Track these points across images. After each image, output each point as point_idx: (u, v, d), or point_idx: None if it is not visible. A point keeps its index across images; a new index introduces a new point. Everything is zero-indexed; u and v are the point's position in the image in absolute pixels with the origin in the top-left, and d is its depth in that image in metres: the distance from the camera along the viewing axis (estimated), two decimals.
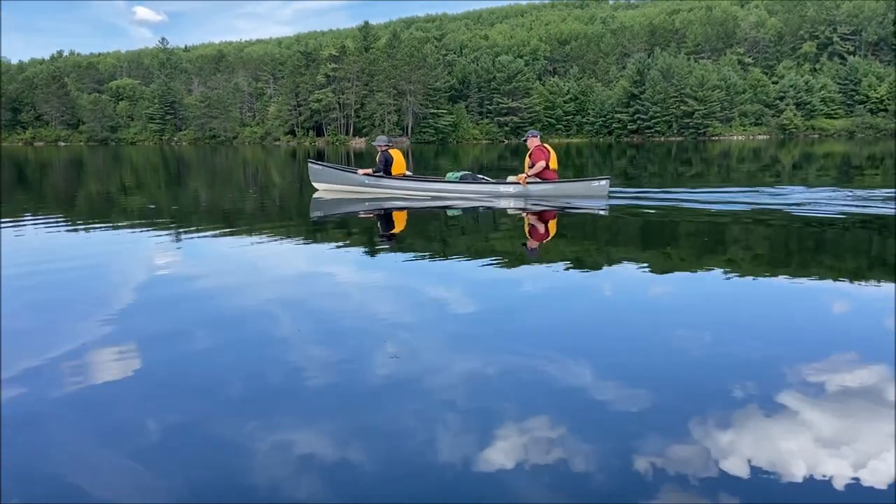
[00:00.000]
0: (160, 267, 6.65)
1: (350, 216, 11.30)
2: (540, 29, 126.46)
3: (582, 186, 12.38)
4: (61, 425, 3.00)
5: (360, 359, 3.81)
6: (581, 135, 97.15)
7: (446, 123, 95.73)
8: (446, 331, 4.40)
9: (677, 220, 10.02)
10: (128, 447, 2.78)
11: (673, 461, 2.62)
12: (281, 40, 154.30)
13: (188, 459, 2.68)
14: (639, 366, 3.70)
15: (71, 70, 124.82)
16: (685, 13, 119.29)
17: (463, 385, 3.39)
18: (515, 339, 4.18)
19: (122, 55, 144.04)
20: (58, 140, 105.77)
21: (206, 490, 2.46)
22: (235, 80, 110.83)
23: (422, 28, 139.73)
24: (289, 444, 2.77)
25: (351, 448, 2.74)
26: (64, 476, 2.57)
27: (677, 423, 2.95)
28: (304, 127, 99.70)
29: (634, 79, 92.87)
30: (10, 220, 10.69)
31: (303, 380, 3.49)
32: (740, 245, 7.73)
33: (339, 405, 3.16)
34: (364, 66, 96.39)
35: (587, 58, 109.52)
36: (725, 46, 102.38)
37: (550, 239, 8.74)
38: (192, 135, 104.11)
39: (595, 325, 4.59)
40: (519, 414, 3.05)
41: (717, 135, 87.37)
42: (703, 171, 23.30)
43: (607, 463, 2.62)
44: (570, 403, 3.18)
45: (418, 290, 5.64)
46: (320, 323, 4.61)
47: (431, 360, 3.81)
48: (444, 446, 2.75)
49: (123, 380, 3.50)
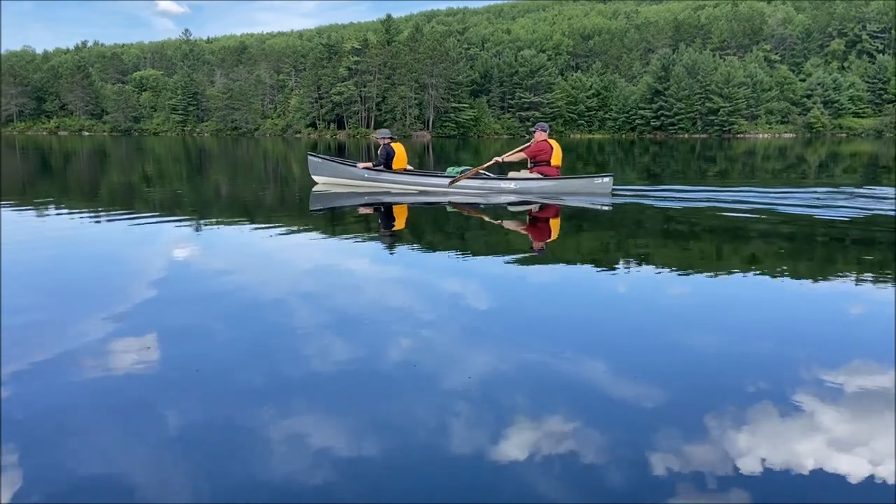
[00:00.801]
0: (179, 257, 6.66)
1: (352, 210, 11.14)
2: (563, 23, 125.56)
3: (585, 183, 12.20)
4: (80, 413, 3.01)
5: (375, 351, 3.82)
6: (603, 131, 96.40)
7: (468, 118, 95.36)
8: (461, 324, 4.39)
9: (693, 219, 9.76)
10: (146, 435, 2.80)
11: (687, 459, 2.61)
12: (302, 33, 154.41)
13: (205, 449, 2.69)
14: (654, 363, 3.68)
15: (95, 60, 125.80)
16: (710, 9, 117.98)
17: (477, 379, 3.40)
18: (529, 334, 4.17)
19: (145, 46, 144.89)
20: (82, 130, 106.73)
21: (222, 479, 2.47)
22: (257, 72, 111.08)
23: (443, 22, 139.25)
24: (304, 436, 2.78)
25: (365, 439, 2.76)
26: (82, 463, 2.58)
27: (692, 421, 2.94)
28: (325, 119, 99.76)
29: (659, 75, 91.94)
30: (34, 208, 10.74)
31: (318, 372, 3.51)
32: (758, 244, 7.59)
33: (353, 397, 3.18)
34: (386, 59, 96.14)
35: (610, 53, 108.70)
36: (752, 43, 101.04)
37: (557, 237, 8.58)
38: (214, 126, 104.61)
39: (609, 322, 4.55)
40: (533, 409, 3.05)
41: (742, 132, 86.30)
42: (727, 170, 22.91)
43: (621, 460, 2.61)
44: (585, 399, 3.19)
45: (432, 284, 5.65)
46: (336, 315, 4.60)
47: (446, 353, 3.82)
48: (458, 439, 2.75)
49: (142, 369, 3.52)
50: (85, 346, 3.87)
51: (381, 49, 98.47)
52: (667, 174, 20.18)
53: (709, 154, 35.70)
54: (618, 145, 54.06)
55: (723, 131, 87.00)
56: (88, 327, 4.23)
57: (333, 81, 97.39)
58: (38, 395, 3.19)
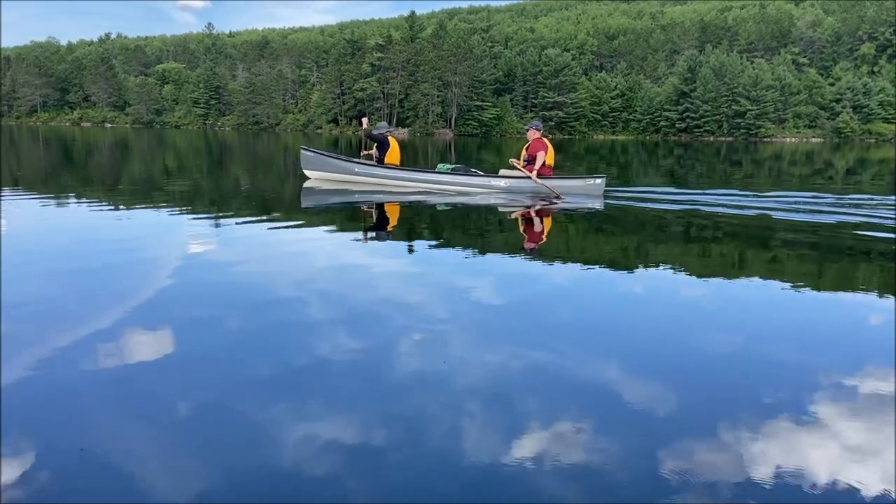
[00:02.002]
0: (196, 250, 6.63)
1: (350, 206, 10.96)
2: (587, 23, 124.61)
3: (577, 184, 11.98)
4: (94, 401, 3.03)
5: (386, 348, 3.81)
6: (627, 132, 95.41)
7: (490, 116, 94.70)
8: (473, 323, 4.35)
9: (712, 223, 9.38)
10: (156, 424, 2.82)
11: (699, 465, 2.58)
12: (324, 28, 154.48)
13: (217, 441, 2.69)
14: (668, 366, 3.64)
15: (119, 52, 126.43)
16: (737, 10, 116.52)
17: (489, 378, 3.38)
18: (542, 334, 4.12)
19: (167, 39, 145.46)
20: (104, 121, 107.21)
21: (233, 470, 2.48)
22: (279, 66, 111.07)
23: (465, 19, 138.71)
24: (315, 430, 2.78)
25: (375, 436, 2.75)
26: (94, 450, 2.59)
27: (705, 427, 2.91)
28: (347, 116, 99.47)
29: (685, 76, 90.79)
30: (55, 198, 10.71)
31: (330, 367, 3.49)
32: (777, 249, 7.44)
33: (365, 393, 3.17)
34: (410, 55, 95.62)
35: (635, 53, 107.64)
36: (780, 45, 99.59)
37: (550, 236, 8.39)
38: (236, 120, 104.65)
39: (623, 324, 4.48)
40: (544, 410, 3.03)
41: (769, 136, 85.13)
42: (753, 173, 22.29)
43: (632, 463, 2.59)
44: (597, 402, 3.15)
45: (444, 282, 5.61)
46: (348, 310, 4.58)
47: (458, 352, 3.78)
48: (469, 439, 2.73)
49: (155, 359, 3.54)
50: (98, 335, 3.88)
51: (404, 46, 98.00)
52: (691, 177, 19.79)
53: (735, 157, 35.23)
54: (641, 147, 53.59)
55: (749, 134, 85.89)
56: (102, 317, 4.24)
57: (356, 77, 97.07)
58: (50, 382, 3.22)
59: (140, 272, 5.63)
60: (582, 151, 42.08)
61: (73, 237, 7.28)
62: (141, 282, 5.25)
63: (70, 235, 7.39)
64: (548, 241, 8.01)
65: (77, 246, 6.79)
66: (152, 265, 5.92)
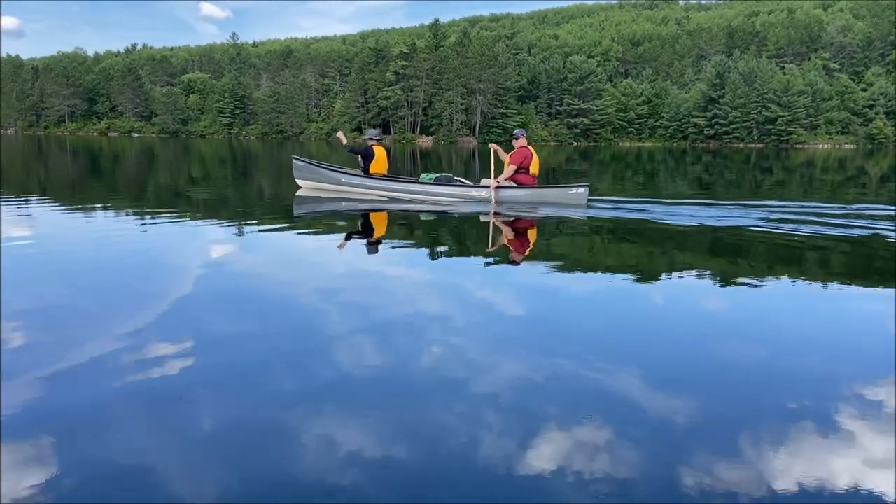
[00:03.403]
0: (219, 259, 6.71)
1: (345, 215, 10.84)
2: (611, 29, 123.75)
3: (559, 193, 11.56)
4: (116, 410, 3.04)
5: (406, 356, 3.80)
6: (654, 139, 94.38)
7: (515, 124, 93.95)
8: (492, 331, 4.33)
9: (738, 235, 8.86)
10: (178, 432, 2.83)
11: (720, 476, 2.55)
12: (345, 38, 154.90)
13: (238, 449, 2.71)
14: (689, 376, 3.60)
15: (145, 63, 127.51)
16: (765, 15, 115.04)
17: (508, 387, 3.37)
18: (561, 343, 4.08)
19: (192, 49, 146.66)
20: (131, 131, 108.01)
21: (252, 477, 2.51)
22: (303, 75, 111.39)
23: (486, 27, 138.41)
24: (335, 439, 2.80)
25: (394, 444, 2.76)
26: (118, 459, 2.62)
27: (727, 438, 2.86)
28: (371, 124, 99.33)
29: (713, 82, 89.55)
30: (81, 207, 10.84)
31: (350, 376, 3.49)
32: (801, 258, 7.28)
33: (384, 402, 3.18)
34: (434, 63, 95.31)
35: (661, 59, 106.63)
36: (809, 51, 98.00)
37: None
38: (260, 129, 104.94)
39: (644, 333, 4.39)
40: (563, 419, 3.00)
41: (800, 143, 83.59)
42: (785, 181, 21.71)
43: (652, 475, 2.54)
44: (616, 411, 3.10)
45: (462, 291, 5.56)
46: (368, 319, 4.56)
47: (476, 360, 3.77)
48: (487, 447, 2.73)
49: (176, 367, 3.55)
50: (123, 343, 3.90)
51: (429, 54, 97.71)
52: (720, 184, 19.35)
53: (765, 164, 34.60)
54: (669, 154, 52.98)
55: (780, 141, 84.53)
56: (127, 324, 4.26)
57: (380, 86, 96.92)
58: (75, 389, 3.23)
59: (165, 280, 5.67)
60: (607, 158, 41.79)
61: (98, 245, 7.33)
62: (165, 289, 5.27)
63: (96, 243, 7.45)
64: (559, 250, 7.76)
65: (102, 253, 6.85)
66: (177, 273, 5.96)
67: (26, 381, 3.33)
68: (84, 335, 4.04)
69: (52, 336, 4.03)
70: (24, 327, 4.17)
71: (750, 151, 62.60)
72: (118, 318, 4.45)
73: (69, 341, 3.92)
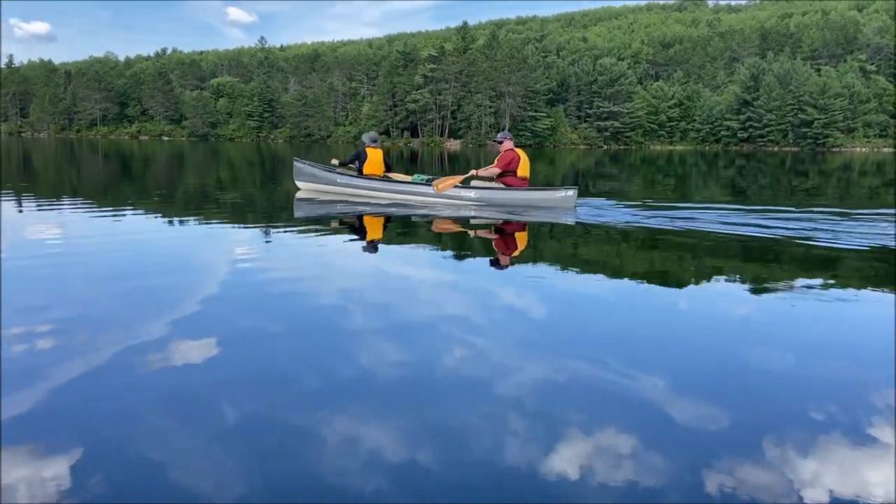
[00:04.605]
0: (244, 260, 6.74)
1: (345, 216, 10.80)
2: (640, 31, 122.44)
3: (546, 196, 11.34)
4: (141, 408, 3.06)
5: (429, 358, 3.79)
6: (685, 142, 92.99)
7: (544, 127, 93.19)
8: (515, 334, 4.29)
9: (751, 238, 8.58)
10: (202, 432, 2.85)
11: (747, 485, 2.48)
12: (371, 41, 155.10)
13: (262, 448, 2.71)
14: (715, 382, 3.53)
15: (175, 67, 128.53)
16: (798, 16, 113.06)
17: (531, 389, 3.33)
18: (584, 347, 4.06)
19: (221, 53, 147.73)
20: (161, 135, 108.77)
21: (274, 477, 2.52)
22: (330, 79, 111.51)
23: (513, 30, 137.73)
24: (357, 439, 2.79)
25: (416, 446, 2.75)
26: (143, 457, 2.65)
27: (754, 445, 2.78)
28: (399, 127, 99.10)
29: (747, 84, 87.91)
30: (113, 209, 10.95)
31: (373, 376, 3.50)
32: (830, 263, 7.13)
33: (407, 403, 3.17)
34: (463, 66, 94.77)
35: (693, 62, 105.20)
36: (845, 52, 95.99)
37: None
38: (288, 132, 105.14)
39: (667, 338, 4.32)
40: (586, 424, 2.96)
41: (837, 146, 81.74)
42: (820, 185, 21.31)
43: (677, 480, 2.50)
44: (641, 416, 3.05)
45: (485, 293, 5.53)
46: (391, 321, 4.56)
47: (499, 361, 3.74)
48: (510, 451, 2.70)
49: (201, 367, 3.58)
50: (148, 342, 3.94)
51: (458, 57, 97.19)
52: (752, 189, 18.86)
53: (801, 168, 33.87)
54: (701, 157, 52.12)
55: (816, 144, 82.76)
56: (152, 324, 4.30)
57: (408, 89, 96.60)
58: (101, 389, 3.26)
59: (192, 281, 5.73)
60: (637, 162, 41.26)
61: (127, 246, 7.45)
62: (193, 290, 5.33)
63: (124, 244, 7.55)
64: (582, 255, 7.69)
65: (130, 254, 6.97)
66: (204, 274, 6.06)
67: (55, 380, 3.36)
68: (110, 335, 4.08)
69: (80, 335, 4.08)
70: (55, 328, 4.21)
71: (785, 155, 61.54)
72: (144, 317, 4.50)
73: (96, 341, 3.96)
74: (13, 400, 3.12)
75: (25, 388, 3.24)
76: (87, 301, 4.91)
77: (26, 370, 3.47)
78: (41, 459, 2.61)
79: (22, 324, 4.24)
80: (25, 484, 2.44)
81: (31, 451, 2.67)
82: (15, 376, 3.39)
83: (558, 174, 25.98)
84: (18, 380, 3.34)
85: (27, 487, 2.42)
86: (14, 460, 2.60)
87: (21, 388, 3.25)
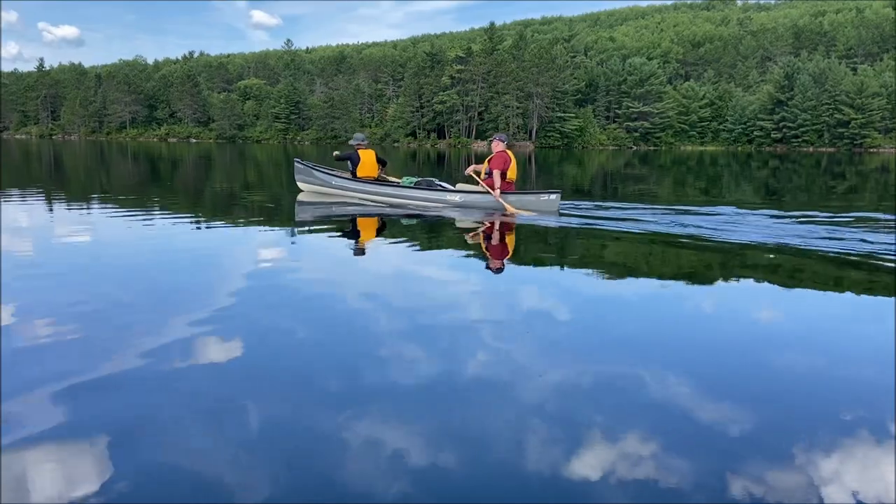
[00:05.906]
0: (268, 261, 6.84)
1: (344, 218, 10.97)
2: (669, 31, 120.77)
3: (530, 200, 11.43)
4: (167, 410, 3.07)
5: (452, 361, 3.79)
6: (717, 142, 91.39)
7: (573, 128, 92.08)
8: (539, 337, 4.27)
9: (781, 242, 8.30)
10: (227, 433, 2.86)
11: (772, 489, 2.47)
12: (396, 43, 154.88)
13: (286, 451, 2.73)
14: (740, 385, 3.50)
15: (202, 70, 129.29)
16: (832, 15, 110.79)
17: (554, 392, 3.34)
18: (607, 349, 4.06)
19: (247, 56, 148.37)
20: (189, 137, 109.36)
21: (301, 480, 2.53)
22: (356, 81, 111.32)
23: (538, 31, 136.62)
24: (379, 441, 2.81)
25: (439, 448, 2.76)
26: (168, 459, 2.66)
27: (780, 448, 2.78)
28: (425, 129, 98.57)
29: (781, 83, 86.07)
30: (141, 210, 11.08)
31: (395, 378, 3.50)
32: (853, 264, 7.00)
33: (430, 405, 3.18)
34: (490, 67, 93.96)
35: (724, 61, 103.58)
36: (881, 51, 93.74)
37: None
38: (315, 134, 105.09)
39: (694, 340, 4.33)
40: (610, 427, 2.95)
41: (875, 146, 79.69)
42: (857, 186, 20.85)
43: (702, 484, 2.49)
44: (665, 419, 3.05)
45: (508, 296, 5.54)
46: (413, 323, 4.58)
47: (522, 364, 3.74)
48: (533, 454, 2.71)
49: (225, 369, 3.59)
50: (173, 343, 3.96)
51: (485, 57, 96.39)
52: (787, 190, 18.65)
53: (837, 169, 32.99)
54: (733, 158, 51.21)
55: (853, 145, 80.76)
56: (178, 325, 4.33)
57: (435, 90, 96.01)
58: (127, 389, 3.28)
59: (218, 282, 5.79)
60: (668, 163, 40.99)
61: (154, 246, 7.60)
62: (217, 290, 5.41)
63: (152, 244, 7.70)
64: (608, 257, 7.67)
65: (158, 254, 7.07)
66: (229, 276, 6.10)
67: (81, 377, 3.38)
68: (137, 333, 4.14)
69: (107, 334, 4.14)
70: (82, 326, 4.28)
71: (821, 156, 60.37)
72: (171, 316, 4.56)
73: (122, 341, 3.99)
74: (40, 396, 3.16)
75: (53, 385, 3.26)
76: (114, 300, 5.03)
77: (54, 368, 3.49)
78: (68, 457, 2.62)
79: (51, 322, 4.32)
80: (51, 482, 2.42)
81: (57, 449, 2.68)
82: (43, 373, 3.42)
83: (587, 176, 25.47)
84: (46, 376, 3.36)
85: (53, 486, 2.40)
86: (40, 458, 2.60)
87: (48, 384, 3.27)
